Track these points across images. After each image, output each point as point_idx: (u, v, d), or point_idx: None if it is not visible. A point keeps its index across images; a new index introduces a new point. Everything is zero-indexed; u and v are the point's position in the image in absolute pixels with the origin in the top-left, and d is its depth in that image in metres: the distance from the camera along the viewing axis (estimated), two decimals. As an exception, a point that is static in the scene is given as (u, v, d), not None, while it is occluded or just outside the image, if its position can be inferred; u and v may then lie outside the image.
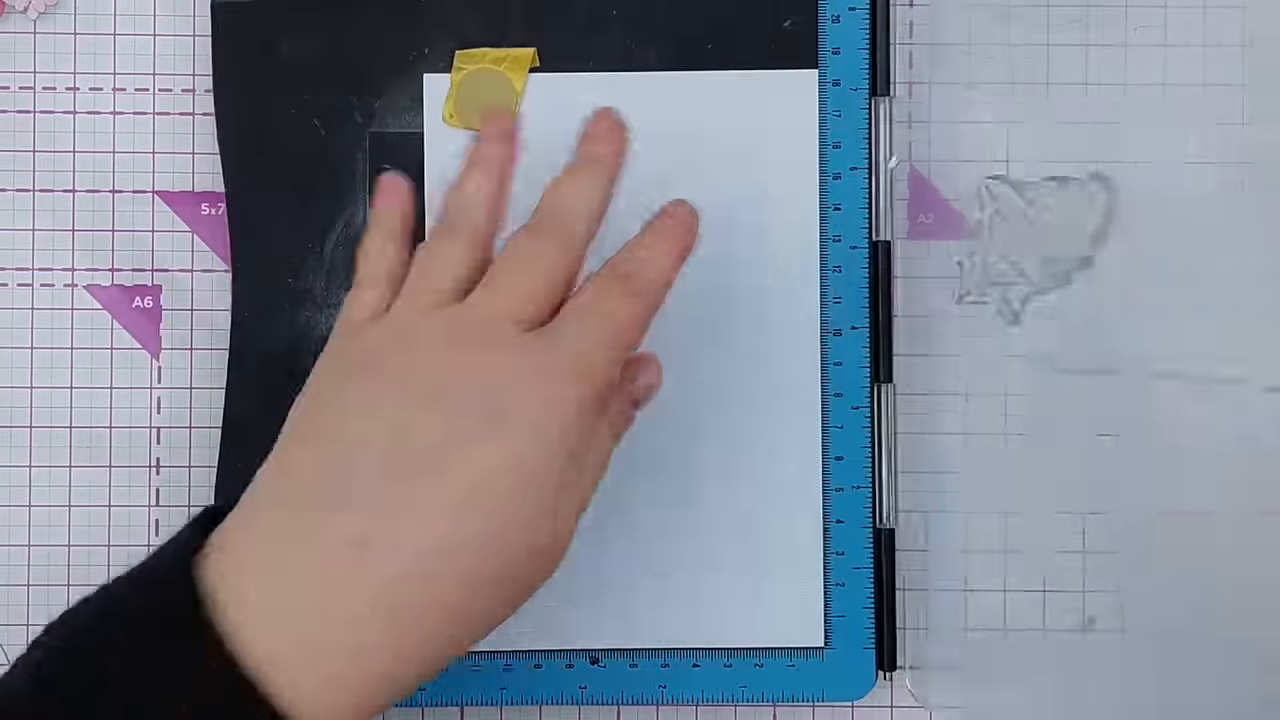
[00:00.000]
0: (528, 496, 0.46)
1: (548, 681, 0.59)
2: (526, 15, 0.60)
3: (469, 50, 0.60)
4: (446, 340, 0.47)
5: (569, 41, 0.60)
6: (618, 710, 0.60)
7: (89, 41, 0.60)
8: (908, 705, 0.61)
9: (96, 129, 0.60)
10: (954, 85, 0.61)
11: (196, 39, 0.60)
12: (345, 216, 0.59)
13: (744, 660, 0.60)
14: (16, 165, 0.60)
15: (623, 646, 0.60)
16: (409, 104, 0.60)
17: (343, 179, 0.59)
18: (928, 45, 0.61)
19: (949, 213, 0.61)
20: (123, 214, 0.60)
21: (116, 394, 0.60)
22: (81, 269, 0.60)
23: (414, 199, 0.52)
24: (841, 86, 0.60)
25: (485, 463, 0.45)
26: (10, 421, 0.60)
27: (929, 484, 0.60)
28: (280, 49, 0.59)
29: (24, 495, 0.60)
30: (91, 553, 0.60)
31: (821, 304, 0.60)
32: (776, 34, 0.60)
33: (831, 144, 0.60)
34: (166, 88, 0.61)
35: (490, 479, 0.45)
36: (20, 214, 0.60)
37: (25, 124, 0.60)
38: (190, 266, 0.60)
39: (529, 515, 0.46)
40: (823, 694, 0.60)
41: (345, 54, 0.59)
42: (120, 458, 0.60)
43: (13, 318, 0.60)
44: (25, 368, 0.60)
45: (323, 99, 0.59)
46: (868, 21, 0.60)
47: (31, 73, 0.60)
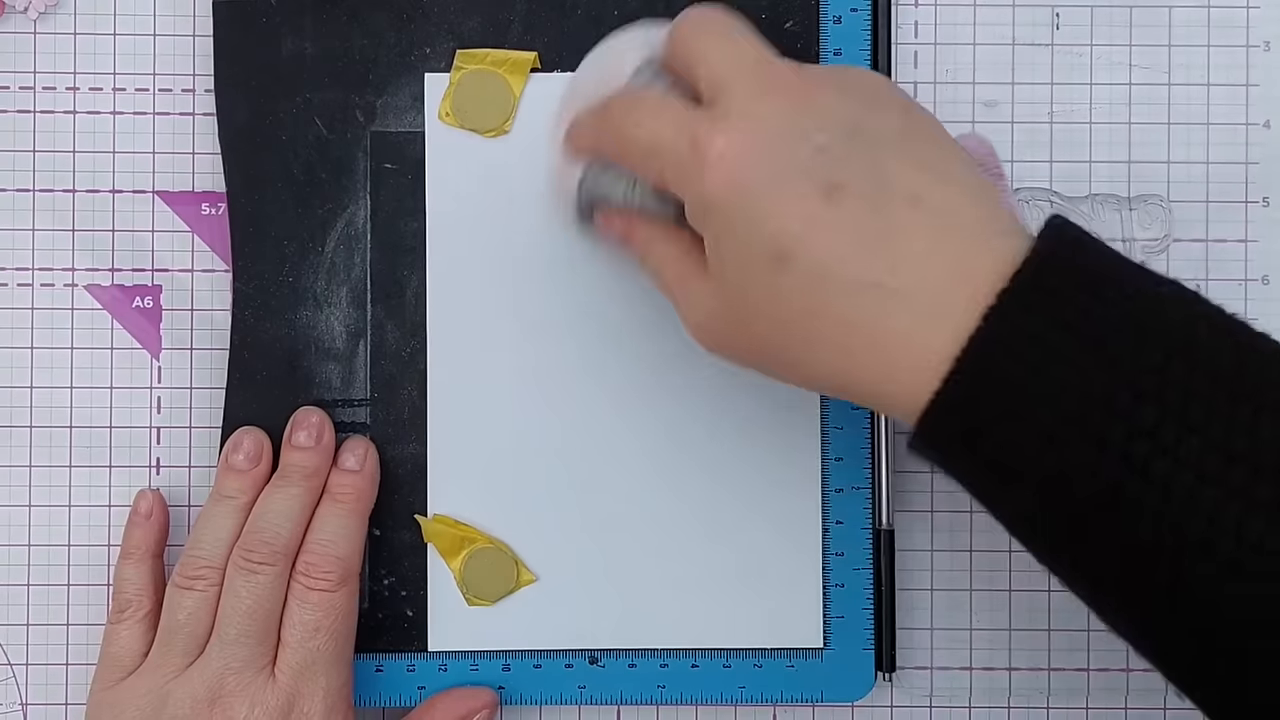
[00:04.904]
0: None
1: (547, 681, 0.60)
2: (527, 15, 0.59)
3: (470, 50, 0.59)
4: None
5: (569, 41, 0.60)
6: (617, 710, 0.61)
7: (89, 41, 0.60)
8: (907, 705, 0.60)
9: (96, 129, 0.60)
10: (958, 85, 0.61)
11: (196, 39, 0.60)
12: (345, 216, 0.59)
13: (743, 660, 0.60)
14: (16, 165, 0.60)
15: (622, 646, 0.60)
16: (410, 103, 0.60)
17: (344, 178, 0.59)
18: (932, 45, 0.61)
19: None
20: (123, 214, 0.60)
21: (116, 394, 0.60)
22: (81, 269, 0.60)
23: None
24: (842, 87, 0.59)
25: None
26: (10, 421, 0.60)
27: (929, 484, 0.60)
28: (281, 48, 0.59)
29: (24, 495, 0.60)
30: (91, 553, 0.60)
31: (822, 305, 0.59)
32: (777, 35, 0.59)
33: (832, 145, 0.59)
34: (166, 88, 0.61)
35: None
36: (20, 214, 0.60)
37: (25, 124, 0.60)
38: (190, 266, 0.60)
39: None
40: (822, 694, 0.60)
41: (346, 53, 0.59)
42: (120, 458, 0.60)
43: (13, 318, 0.60)
44: (25, 368, 0.60)
45: (324, 98, 0.59)
46: (869, 22, 0.59)
47: (31, 73, 0.60)
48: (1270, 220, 0.61)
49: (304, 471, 0.57)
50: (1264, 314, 0.60)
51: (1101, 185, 0.61)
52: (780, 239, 0.46)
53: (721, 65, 0.49)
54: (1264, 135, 0.61)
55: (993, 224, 0.46)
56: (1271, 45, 0.61)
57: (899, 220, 0.46)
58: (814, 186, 0.46)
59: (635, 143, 0.50)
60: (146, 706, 0.55)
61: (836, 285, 0.46)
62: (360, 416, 0.59)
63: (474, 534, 0.59)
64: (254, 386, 0.59)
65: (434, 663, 0.59)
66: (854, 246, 0.46)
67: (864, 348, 0.46)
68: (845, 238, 0.46)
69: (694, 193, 0.48)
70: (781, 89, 0.48)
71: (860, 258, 0.46)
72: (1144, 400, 0.42)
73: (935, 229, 0.46)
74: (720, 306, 0.49)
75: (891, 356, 0.45)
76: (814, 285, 0.46)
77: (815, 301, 0.46)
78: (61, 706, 0.60)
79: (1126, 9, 0.61)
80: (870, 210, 0.46)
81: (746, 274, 0.47)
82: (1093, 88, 0.61)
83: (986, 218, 0.47)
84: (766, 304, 0.47)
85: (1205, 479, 0.42)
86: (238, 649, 0.55)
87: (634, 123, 0.50)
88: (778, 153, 0.47)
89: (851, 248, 0.46)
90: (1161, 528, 0.42)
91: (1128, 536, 0.43)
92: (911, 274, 0.45)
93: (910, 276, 0.45)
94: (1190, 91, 0.61)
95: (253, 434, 0.58)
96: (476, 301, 0.59)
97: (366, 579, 0.59)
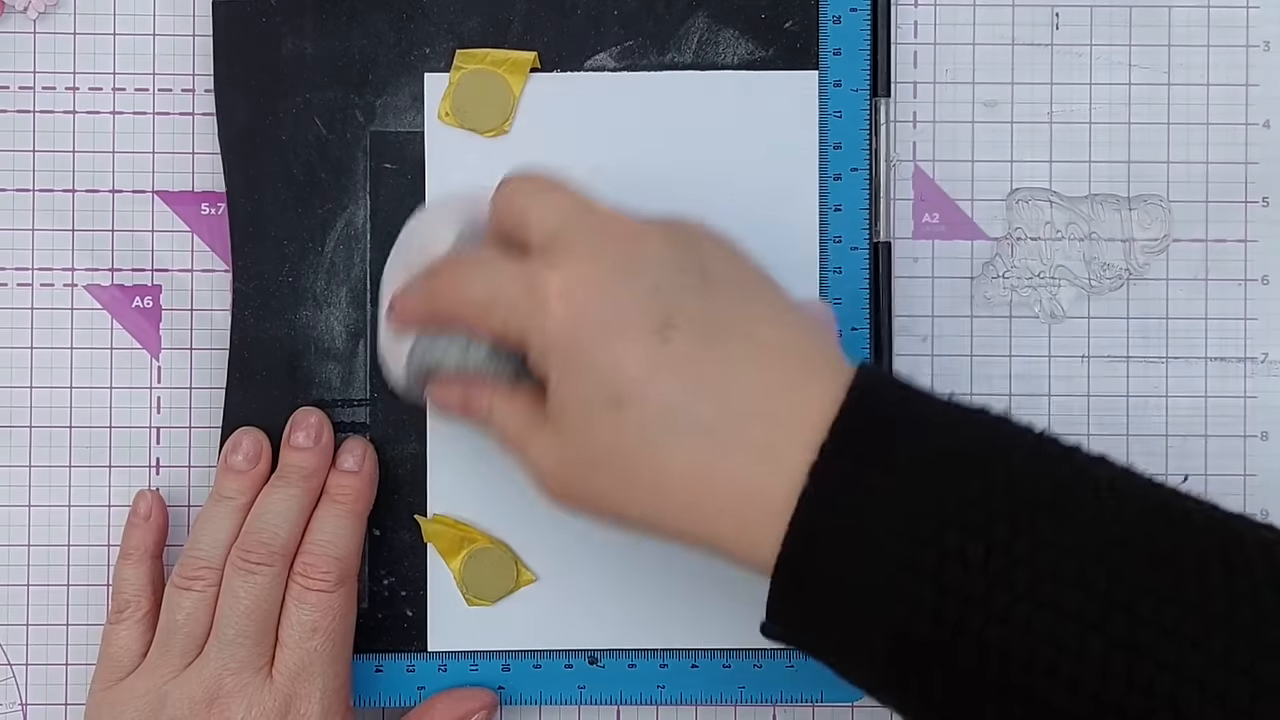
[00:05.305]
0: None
1: (547, 681, 0.60)
2: (527, 15, 0.59)
3: (470, 50, 0.59)
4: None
5: (569, 41, 0.60)
6: (617, 710, 0.61)
7: (89, 41, 0.60)
8: (908, 706, 0.60)
9: (96, 129, 0.60)
10: (958, 85, 0.61)
11: (196, 39, 0.60)
12: (345, 216, 0.59)
13: (743, 660, 0.60)
14: (16, 165, 0.60)
15: (622, 646, 0.60)
16: (410, 103, 0.60)
17: (344, 178, 0.59)
18: (932, 45, 0.61)
19: (955, 213, 0.61)
20: (123, 214, 0.60)
21: (116, 394, 0.60)
22: (81, 269, 0.60)
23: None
24: (842, 87, 0.59)
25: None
26: (10, 421, 0.60)
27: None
28: (281, 48, 0.59)
29: (24, 495, 0.60)
30: (91, 553, 0.60)
31: (822, 305, 0.60)
32: (777, 35, 0.59)
33: (832, 145, 0.59)
34: (166, 88, 0.61)
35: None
36: (20, 214, 0.60)
37: (25, 124, 0.60)
38: (190, 266, 0.60)
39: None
40: (822, 695, 0.60)
41: (346, 53, 0.59)
42: (120, 458, 0.60)
43: (13, 318, 0.60)
44: (25, 368, 0.60)
45: (324, 98, 0.59)
46: (869, 22, 0.59)
47: (31, 73, 0.60)
48: (1270, 220, 0.61)
49: (302, 472, 0.57)
50: (1264, 314, 0.60)
51: (1101, 185, 0.61)
52: (617, 381, 0.46)
53: (553, 215, 0.49)
54: (1264, 135, 0.61)
55: (820, 359, 0.47)
56: (1271, 45, 0.61)
57: (732, 355, 0.46)
58: (649, 325, 0.46)
59: (470, 299, 0.50)
60: (145, 707, 0.55)
61: (673, 428, 0.46)
62: (360, 416, 0.59)
63: (474, 534, 0.59)
64: (254, 386, 0.59)
65: (434, 663, 0.59)
66: (688, 387, 0.46)
67: (708, 497, 0.46)
68: (679, 378, 0.46)
69: (535, 334, 0.48)
70: (613, 233, 0.49)
71: (695, 399, 0.46)
72: (970, 536, 0.43)
73: (767, 364, 0.46)
74: (564, 454, 0.49)
75: (735, 506, 0.46)
76: (652, 429, 0.46)
77: (655, 447, 0.46)
78: (61, 707, 0.60)
79: (1126, 9, 0.61)
80: (703, 347, 0.46)
81: (588, 419, 0.47)
82: (1093, 88, 0.61)
83: (814, 353, 0.47)
84: (608, 451, 0.47)
85: (1040, 605, 0.42)
86: (235, 649, 0.55)
87: (466, 281, 0.51)
88: (612, 290, 0.47)
89: (686, 389, 0.46)
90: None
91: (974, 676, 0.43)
92: (744, 412, 0.46)
93: (742, 416, 0.46)
94: (1190, 91, 0.61)
95: (251, 434, 0.58)
96: (476, 301, 0.59)
97: (366, 579, 0.59)
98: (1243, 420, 0.61)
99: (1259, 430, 0.61)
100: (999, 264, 0.61)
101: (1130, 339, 0.61)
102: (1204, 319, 0.61)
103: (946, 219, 0.61)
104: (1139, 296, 0.61)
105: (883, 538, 0.44)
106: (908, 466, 0.44)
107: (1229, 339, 0.61)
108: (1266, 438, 0.61)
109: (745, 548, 0.46)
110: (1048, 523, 0.43)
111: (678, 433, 0.46)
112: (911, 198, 0.61)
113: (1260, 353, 0.61)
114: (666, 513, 0.47)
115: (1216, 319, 0.61)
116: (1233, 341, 0.61)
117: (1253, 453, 0.61)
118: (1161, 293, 0.61)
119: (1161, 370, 0.61)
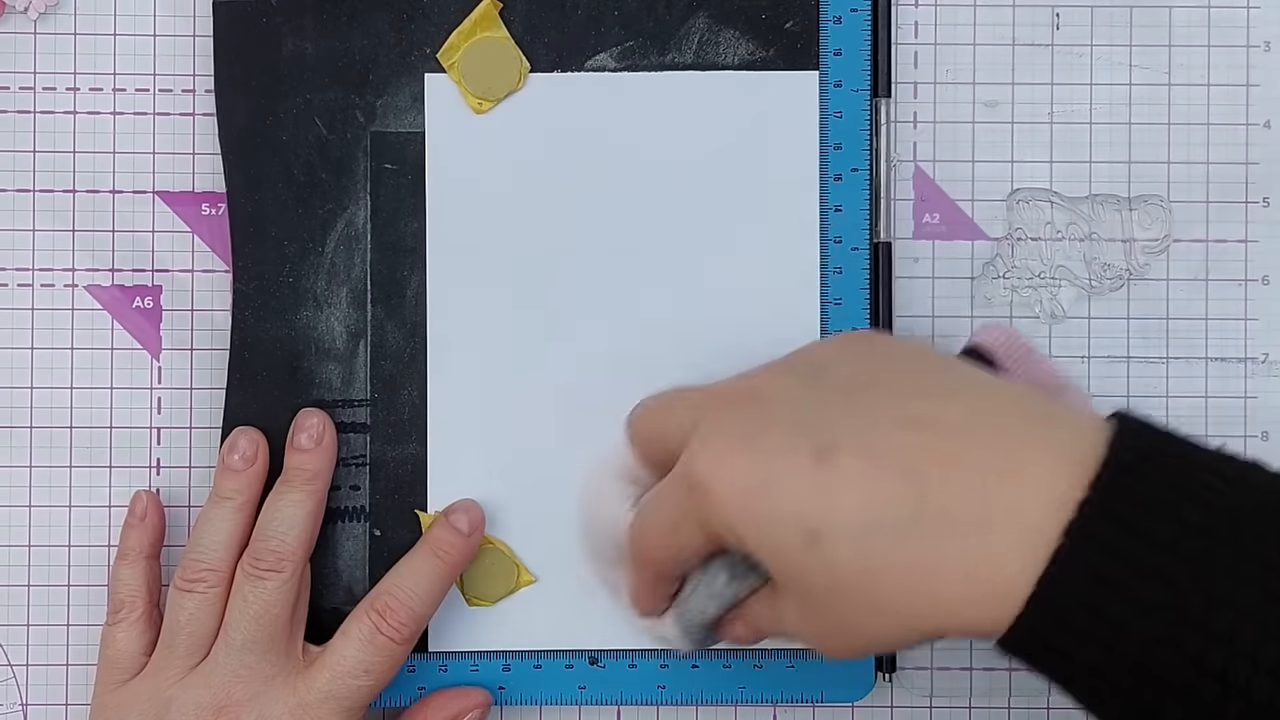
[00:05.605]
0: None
1: (547, 681, 0.60)
2: (526, 15, 0.59)
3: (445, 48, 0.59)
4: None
5: (569, 41, 0.60)
6: (617, 710, 0.60)
7: (89, 41, 0.60)
8: (907, 705, 0.60)
9: (96, 129, 0.60)
10: (959, 85, 0.61)
11: (196, 39, 0.60)
12: (346, 216, 0.59)
13: (743, 661, 0.60)
14: (16, 165, 0.60)
15: (622, 647, 0.60)
16: (410, 103, 0.60)
17: (344, 179, 0.59)
18: (932, 45, 0.61)
19: (955, 213, 0.61)
20: (123, 214, 0.60)
21: (116, 394, 0.60)
22: (81, 269, 0.60)
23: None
24: (843, 88, 0.59)
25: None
26: (10, 421, 0.60)
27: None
28: (281, 48, 0.59)
29: (24, 495, 0.60)
30: (91, 553, 0.60)
31: (822, 306, 0.59)
32: (777, 35, 0.59)
33: (832, 145, 0.59)
34: (166, 88, 0.61)
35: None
36: (20, 214, 0.60)
37: (25, 124, 0.60)
38: (190, 266, 0.60)
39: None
40: (822, 695, 0.60)
41: (347, 53, 0.59)
42: (120, 458, 0.60)
43: (13, 318, 0.60)
44: (25, 368, 0.60)
45: (324, 98, 0.59)
46: (869, 23, 0.59)
47: (31, 73, 0.60)
48: (1270, 220, 0.61)
49: (306, 475, 0.57)
50: (1264, 314, 0.61)
51: (1101, 185, 0.61)
52: (798, 520, 0.45)
53: (680, 415, 0.50)
54: (1264, 135, 0.61)
55: (1038, 423, 0.45)
56: (1271, 45, 0.61)
57: (901, 445, 0.45)
58: (802, 457, 0.46)
59: (662, 542, 0.50)
60: (149, 710, 0.55)
61: (871, 541, 0.45)
62: (360, 417, 0.59)
63: (474, 534, 0.59)
64: (254, 387, 0.59)
65: (434, 663, 0.59)
66: (866, 493, 0.45)
67: (928, 586, 0.44)
68: (856, 490, 0.45)
69: (719, 526, 0.47)
70: (731, 397, 0.49)
71: (881, 502, 0.45)
72: (1217, 606, 0.41)
73: (948, 453, 0.45)
74: (803, 613, 0.48)
75: (960, 587, 0.44)
76: (851, 551, 0.45)
77: (867, 564, 0.45)
78: (61, 707, 0.60)
79: (1126, 9, 0.61)
80: (865, 453, 0.45)
81: (800, 570, 0.46)
82: (1093, 88, 0.61)
83: (1024, 418, 0.46)
84: (830, 592, 0.46)
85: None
86: (244, 655, 0.55)
87: (647, 529, 0.51)
88: (752, 443, 0.47)
89: (863, 495, 0.45)
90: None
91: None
92: (940, 493, 0.44)
93: (940, 497, 0.44)
94: (1190, 92, 0.61)
95: (248, 434, 0.58)
96: (476, 302, 0.59)
97: (367, 580, 0.59)
98: (1243, 420, 0.61)
99: (1259, 430, 0.61)
100: (999, 264, 0.61)
101: (1131, 339, 0.61)
102: (1204, 319, 0.61)
103: (947, 219, 0.61)
104: (1139, 297, 0.61)
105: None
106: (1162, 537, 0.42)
107: (1229, 339, 0.61)
108: (1267, 438, 0.61)
109: (989, 625, 0.44)
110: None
111: (878, 543, 0.45)
112: (912, 198, 0.61)
113: (1260, 353, 0.61)
114: (909, 627, 0.46)
115: (1217, 319, 0.61)
116: (1233, 342, 0.61)
117: (1253, 453, 0.59)
118: (1162, 293, 0.61)
119: (1162, 370, 0.61)
